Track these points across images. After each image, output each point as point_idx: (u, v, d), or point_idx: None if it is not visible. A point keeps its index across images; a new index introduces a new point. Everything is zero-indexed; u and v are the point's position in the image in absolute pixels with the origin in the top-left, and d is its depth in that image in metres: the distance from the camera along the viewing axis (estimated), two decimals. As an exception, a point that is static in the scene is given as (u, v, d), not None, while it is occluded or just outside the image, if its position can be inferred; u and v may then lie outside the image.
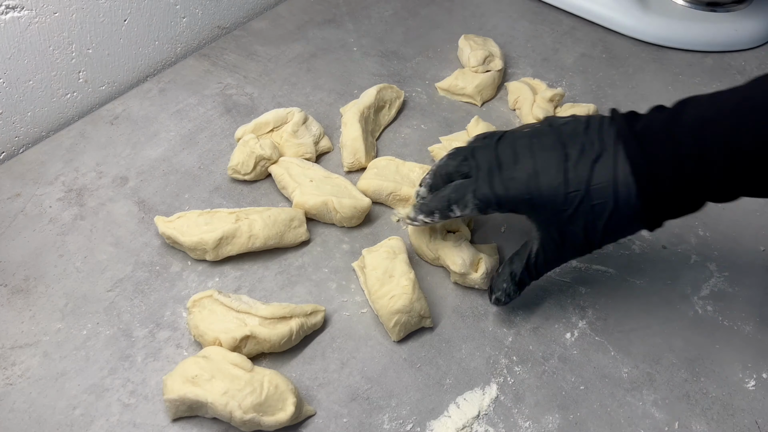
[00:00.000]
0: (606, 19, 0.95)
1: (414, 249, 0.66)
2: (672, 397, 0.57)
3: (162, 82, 0.85)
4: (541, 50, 0.93)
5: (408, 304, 0.58)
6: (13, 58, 0.74)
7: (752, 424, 0.56)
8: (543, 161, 0.52)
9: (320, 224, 0.69)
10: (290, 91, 0.85)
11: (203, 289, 0.63)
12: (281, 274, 0.65)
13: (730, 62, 0.91)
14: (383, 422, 0.55)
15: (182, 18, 0.90)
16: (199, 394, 0.51)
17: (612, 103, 0.84)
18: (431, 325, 0.60)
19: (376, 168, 0.71)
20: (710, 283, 0.65)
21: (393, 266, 0.60)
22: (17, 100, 0.76)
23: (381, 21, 0.97)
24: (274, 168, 0.72)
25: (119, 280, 0.64)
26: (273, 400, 0.52)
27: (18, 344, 0.59)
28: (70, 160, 0.75)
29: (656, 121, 0.51)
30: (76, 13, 0.77)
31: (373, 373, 0.58)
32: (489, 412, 0.56)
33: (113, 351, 0.59)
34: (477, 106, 0.84)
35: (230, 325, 0.57)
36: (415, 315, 0.59)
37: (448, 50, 0.91)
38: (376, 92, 0.78)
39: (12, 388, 0.56)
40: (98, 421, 0.54)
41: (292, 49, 0.91)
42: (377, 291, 0.59)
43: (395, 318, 0.58)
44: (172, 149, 0.77)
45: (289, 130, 0.74)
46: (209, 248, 0.63)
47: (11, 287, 0.63)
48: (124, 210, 0.70)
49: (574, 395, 0.57)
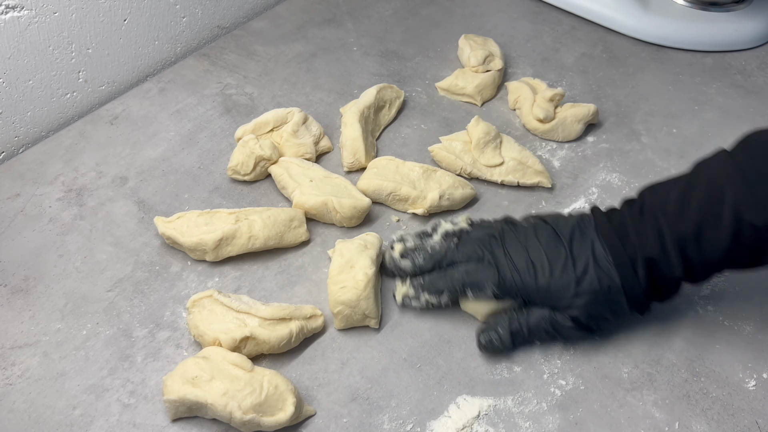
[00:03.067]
0: (606, 19, 0.95)
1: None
2: (672, 397, 0.57)
3: (162, 82, 0.85)
4: (541, 50, 0.93)
5: (354, 299, 0.58)
6: (13, 58, 0.74)
7: (752, 424, 0.56)
8: (550, 255, 0.57)
9: (320, 224, 0.69)
10: (290, 91, 0.85)
11: (203, 289, 0.63)
12: (281, 274, 0.65)
13: (730, 62, 0.91)
14: (383, 422, 0.55)
15: (182, 18, 0.90)
16: (198, 395, 0.51)
17: (612, 103, 0.84)
18: (376, 326, 0.60)
19: (376, 168, 0.71)
20: (711, 282, 0.65)
21: (357, 258, 0.60)
22: (17, 100, 0.76)
23: (381, 21, 0.97)
24: (274, 168, 0.71)
25: (119, 280, 0.64)
26: (273, 400, 0.52)
27: (18, 344, 0.59)
28: (70, 160, 0.75)
29: (626, 217, 0.56)
30: (75, 13, 0.77)
31: (373, 373, 0.58)
32: (489, 412, 0.56)
33: (113, 351, 0.59)
34: (477, 105, 0.83)
35: (230, 325, 0.57)
36: (359, 312, 0.59)
37: (448, 50, 0.91)
38: (376, 92, 0.78)
39: (12, 388, 0.56)
40: (98, 421, 0.54)
41: (291, 49, 0.91)
42: (334, 277, 0.60)
43: (339, 308, 0.59)
44: (171, 149, 0.77)
45: (289, 130, 0.74)
46: (209, 249, 0.63)
47: (11, 287, 0.63)
48: (123, 210, 0.70)
49: (574, 395, 0.57)
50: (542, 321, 0.58)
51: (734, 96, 0.86)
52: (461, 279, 0.58)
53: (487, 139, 0.73)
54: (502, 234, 0.59)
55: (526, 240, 0.58)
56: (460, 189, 0.70)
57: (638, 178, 0.75)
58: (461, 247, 0.59)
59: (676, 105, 0.84)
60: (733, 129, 0.81)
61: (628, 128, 0.81)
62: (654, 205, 0.55)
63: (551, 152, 0.78)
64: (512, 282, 0.57)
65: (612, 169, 0.76)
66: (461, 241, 0.60)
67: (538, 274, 0.56)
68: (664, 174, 0.75)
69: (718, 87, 0.87)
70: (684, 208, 0.53)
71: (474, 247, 0.59)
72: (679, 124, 0.82)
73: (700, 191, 0.53)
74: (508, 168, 0.73)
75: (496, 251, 0.58)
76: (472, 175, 0.73)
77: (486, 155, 0.73)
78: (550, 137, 0.79)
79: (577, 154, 0.78)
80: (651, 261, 0.54)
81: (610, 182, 0.74)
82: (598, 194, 0.73)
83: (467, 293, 0.58)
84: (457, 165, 0.73)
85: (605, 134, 0.80)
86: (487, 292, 0.57)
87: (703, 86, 0.87)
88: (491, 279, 0.57)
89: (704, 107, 0.84)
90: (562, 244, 0.57)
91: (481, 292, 0.58)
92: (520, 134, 0.80)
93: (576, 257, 0.56)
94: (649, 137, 0.80)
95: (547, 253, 0.56)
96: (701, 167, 0.55)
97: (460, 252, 0.59)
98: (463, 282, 0.58)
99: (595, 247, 0.56)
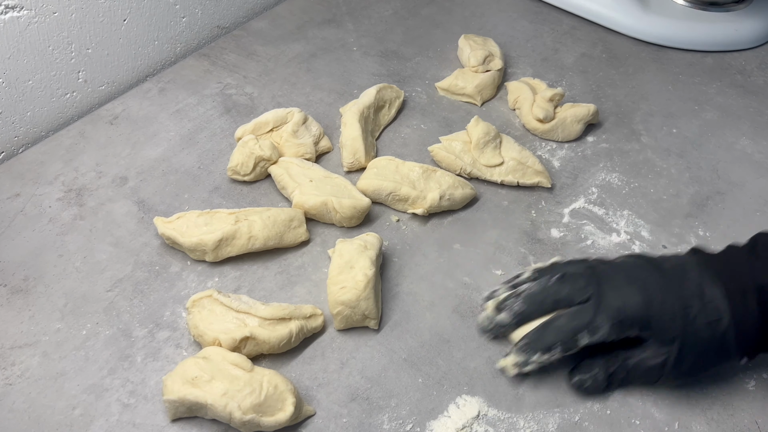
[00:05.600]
0: (606, 19, 0.95)
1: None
2: (672, 397, 0.57)
3: (162, 82, 0.85)
4: (541, 50, 0.93)
5: (354, 299, 0.58)
6: (13, 58, 0.74)
7: (752, 424, 0.56)
8: (654, 283, 0.52)
9: (320, 224, 0.69)
10: (290, 91, 0.85)
11: (203, 289, 0.63)
12: (281, 274, 0.65)
13: (730, 62, 0.91)
14: (383, 422, 0.55)
15: (182, 18, 0.90)
16: (198, 396, 0.51)
17: (612, 103, 0.84)
18: (376, 327, 0.60)
19: (375, 168, 0.71)
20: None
21: (357, 258, 0.60)
22: (17, 100, 0.76)
23: (381, 21, 0.97)
24: (273, 168, 0.71)
25: (119, 280, 0.64)
26: (272, 400, 0.52)
27: (17, 344, 0.59)
28: (70, 160, 0.75)
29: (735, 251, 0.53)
30: (75, 13, 0.77)
31: (373, 373, 0.58)
32: (489, 412, 0.56)
33: (113, 351, 0.59)
34: (477, 105, 0.83)
35: (230, 325, 0.57)
36: (359, 312, 0.59)
37: (448, 50, 0.91)
38: (376, 92, 0.78)
39: (11, 388, 0.56)
40: (98, 421, 0.54)
41: (291, 49, 0.91)
42: (333, 277, 0.60)
43: (338, 308, 0.58)
44: (171, 149, 0.77)
45: (289, 130, 0.74)
46: (209, 249, 0.63)
47: (11, 287, 0.63)
48: (123, 210, 0.70)
49: (574, 395, 0.57)
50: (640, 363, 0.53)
51: (734, 96, 0.86)
52: (571, 326, 0.52)
53: (486, 139, 0.73)
54: (599, 267, 0.54)
55: (627, 272, 0.53)
56: (460, 189, 0.70)
57: (638, 178, 0.75)
58: (562, 282, 0.54)
59: (676, 105, 0.84)
60: (733, 129, 0.81)
61: (628, 128, 0.81)
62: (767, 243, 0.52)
63: (551, 152, 0.78)
64: (627, 316, 0.51)
65: (612, 169, 0.76)
66: (560, 277, 0.54)
67: (648, 305, 0.51)
68: (664, 174, 0.75)
69: (718, 87, 0.87)
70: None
71: (577, 282, 0.53)
72: (679, 124, 0.82)
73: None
74: (507, 168, 0.72)
75: (604, 285, 0.52)
76: (472, 175, 0.73)
77: (486, 155, 0.73)
78: (550, 137, 0.79)
79: (576, 154, 0.78)
80: (764, 290, 0.50)
81: (609, 182, 0.74)
82: (597, 194, 0.73)
83: (579, 341, 0.52)
84: (456, 165, 0.73)
85: (605, 134, 0.80)
86: (604, 333, 0.51)
87: (703, 86, 0.87)
88: (608, 317, 0.51)
89: (704, 107, 0.84)
90: (661, 274, 0.53)
91: (597, 335, 0.52)
92: (519, 134, 0.80)
93: (680, 286, 0.52)
94: (649, 137, 0.80)
95: (647, 284, 0.52)
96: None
97: (562, 288, 0.54)
98: (574, 329, 0.52)
99: (703, 277, 0.52)
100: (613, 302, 0.52)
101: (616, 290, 0.52)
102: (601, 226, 0.70)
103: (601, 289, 0.53)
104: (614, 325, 0.52)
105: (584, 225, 0.70)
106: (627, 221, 0.70)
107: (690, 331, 0.51)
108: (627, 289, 0.52)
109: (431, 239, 0.68)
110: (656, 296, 0.52)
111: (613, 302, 0.52)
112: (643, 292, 0.52)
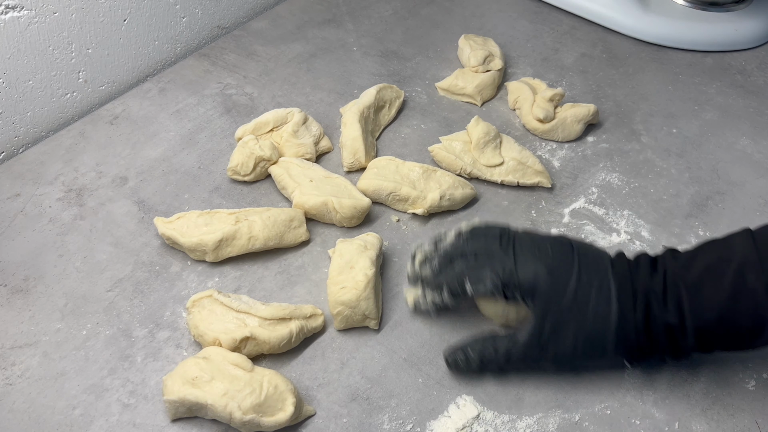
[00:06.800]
0: (606, 19, 0.95)
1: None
2: (672, 397, 0.57)
3: (162, 82, 0.85)
4: (541, 50, 0.93)
5: (354, 299, 0.58)
6: (13, 58, 0.74)
7: (752, 424, 0.56)
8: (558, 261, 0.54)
9: (320, 224, 0.69)
10: (290, 91, 0.85)
11: (203, 289, 0.63)
12: (281, 274, 0.65)
13: (730, 62, 0.91)
14: (383, 422, 0.55)
15: (182, 18, 0.90)
16: (198, 396, 0.51)
17: (612, 103, 0.84)
18: (376, 327, 0.60)
19: (376, 168, 0.71)
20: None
21: (357, 259, 0.60)
22: (17, 100, 0.76)
23: (381, 21, 0.97)
24: (273, 168, 0.71)
25: (119, 280, 0.64)
26: (272, 400, 0.52)
27: (17, 344, 0.59)
28: (70, 160, 0.75)
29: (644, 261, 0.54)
30: (75, 13, 0.77)
31: (373, 373, 0.58)
32: (489, 412, 0.56)
33: (113, 351, 0.59)
34: (477, 105, 0.83)
35: (230, 325, 0.57)
36: (359, 312, 0.59)
37: (448, 50, 0.91)
38: (376, 92, 0.78)
39: (12, 388, 0.56)
40: (98, 421, 0.54)
41: (292, 49, 0.91)
42: (334, 277, 0.60)
43: (339, 308, 0.58)
44: (171, 149, 0.77)
45: (289, 130, 0.74)
46: (209, 249, 0.63)
47: (11, 287, 0.63)
48: (123, 210, 0.70)
49: (574, 395, 0.57)
50: (517, 340, 0.55)
51: (734, 96, 0.86)
52: (461, 272, 0.55)
53: (486, 139, 0.73)
54: (516, 233, 0.57)
55: (539, 244, 0.55)
56: (460, 189, 0.70)
57: (638, 178, 0.75)
58: (470, 241, 0.57)
59: (676, 105, 0.84)
60: (733, 129, 0.81)
61: (628, 128, 0.81)
62: (667, 256, 0.54)
63: (551, 152, 0.78)
64: (512, 278, 0.53)
65: (612, 169, 0.76)
66: (471, 236, 0.58)
67: (539, 277, 0.53)
68: (664, 174, 0.75)
69: (718, 87, 0.87)
70: (693, 261, 0.52)
71: (483, 241, 0.56)
72: (679, 124, 0.82)
73: (713, 248, 0.53)
74: (508, 168, 0.73)
75: (505, 246, 0.55)
76: (472, 175, 0.73)
77: (486, 155, 0.73)
78: (550, 137, 0.79)
79: (577, 154, 0.78)
80: (649, 297, 0.52)
81: (609, 182, 0.74)
82: (597, 194, 0.73)
83: (466, 288, 0.55)
84: (457, 165, 0.73)
85: (605, 134, 0.80)
86: (486, 285, 0.54)
87: (703, 86, 0.87)
88: (493, 272, 0.54)
89: (704, 107, 0.84)
90: (575, 258, 0.54)
91: (481, 286, 0.54)
92: (520, 134, 0.80)
93: (582, 273, 0.53)
94: (649, 137, 0.80)
95: (555, 260, 0.54)
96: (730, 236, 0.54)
97: (469, 245, 0.57)
98: (461, 275, 0.55)
99: (608, 272, 0.54)
100: (507, 263, 0.54)
101: (517, 255, 0.54)
102: (601, 226, 0.70)
103: (502, 249, 0.55)
104: (498, 281, 0.54)
105: (584, 225, 0.70)
106: (627, 221, 0.70)
107: (572, 313, 0.53)
108: (527, 256, 0.54)
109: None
110: (554, 272, 0.53)
111: (507, 263, 0.54)
112: (540, 264, 0.54)
